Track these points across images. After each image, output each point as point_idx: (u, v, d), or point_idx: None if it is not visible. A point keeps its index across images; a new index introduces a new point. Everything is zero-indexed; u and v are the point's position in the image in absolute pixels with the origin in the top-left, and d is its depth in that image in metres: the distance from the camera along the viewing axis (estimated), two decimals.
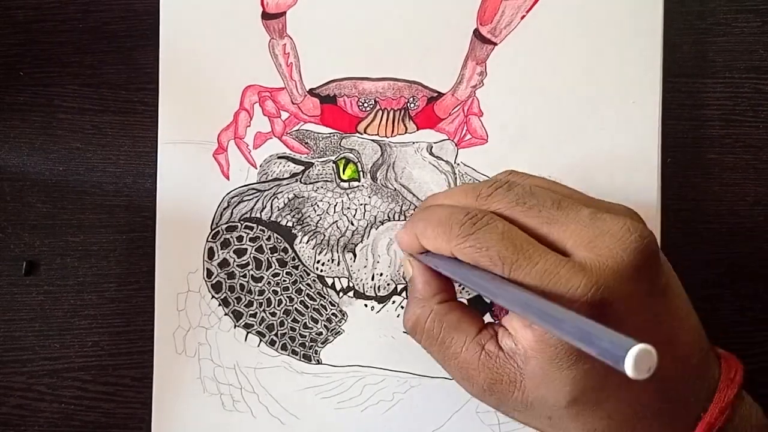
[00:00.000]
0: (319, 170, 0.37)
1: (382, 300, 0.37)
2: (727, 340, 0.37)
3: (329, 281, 0.37)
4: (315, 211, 0.37)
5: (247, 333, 0.37)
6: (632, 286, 0.25)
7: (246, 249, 0.37)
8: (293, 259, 0.37)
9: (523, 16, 0.36)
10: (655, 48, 0.36)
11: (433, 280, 0.31)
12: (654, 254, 0.26)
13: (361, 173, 0.37)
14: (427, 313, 0.30)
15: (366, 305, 0.37)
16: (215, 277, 0.37)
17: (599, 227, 0.26)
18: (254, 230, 0.37)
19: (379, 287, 0.36)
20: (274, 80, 0.37)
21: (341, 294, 0.37)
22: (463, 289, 0.35)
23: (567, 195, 0.28)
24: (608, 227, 0.26)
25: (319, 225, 0.37)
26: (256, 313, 0.37)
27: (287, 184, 0.37)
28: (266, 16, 0.37)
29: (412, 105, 0.37)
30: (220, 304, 0.37)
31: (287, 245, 0.37)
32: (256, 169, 0.37)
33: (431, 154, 0.37)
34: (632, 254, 0.25)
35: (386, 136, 0.37)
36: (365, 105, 0.37)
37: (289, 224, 0.37)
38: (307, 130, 0.37)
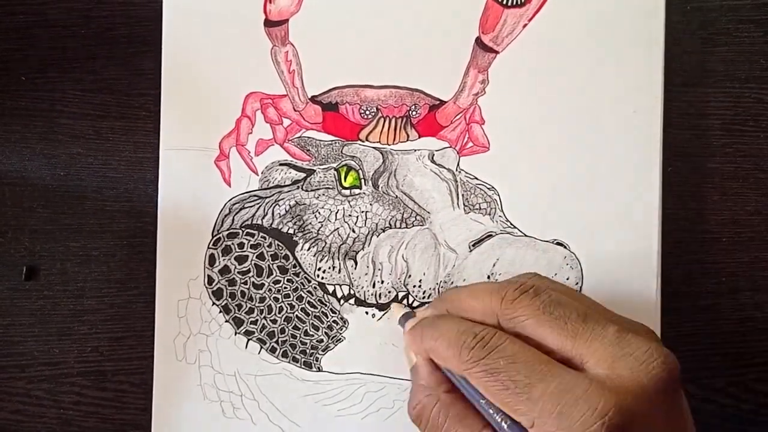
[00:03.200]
0: (320, 177, 0.37)
1: (383, 307, 0.37)
2: (727, 349, 0.37)
3: (330, 288, 0.37)
4: (316, 219, 0.37)
5: (248, 340, 0.37)
6: (651, 410, 0.25)
7: (247, 256, 0.37)
8: (294, 267, 0.37)
9: (525, 25, 0.37)
10: (657, 57, 0.36)
11: (437, 370, 0.31)
12: (675, 381, 0.26)
13: (362, 180, 0.37)
14: (433, 401, 0.30)
15: (367, 313, 0.37)
16: (216, 284, 0.37)
17: (623, 348, 0.26)
18: (255, 237, 0.37)
19: (380, 295, 0.36)
20: (276, 87, 0.37)
21: (342, 301, 0.37)
22: None
23: (591, 308, 0.28)
24: (633, 349, 0.26)
25: (320, 232, 0.37)
26: (257, 320, 0.37)
27: (288, 191, 0.37)
28: (269, 23, 0.37)
29: (413, 113, 0.37)
30: (220, 311, 0.37)
31: (288, 252, 0.37)
32: (258, 176, 0.37)
33: (433, 161, 0.37)
34: (654, 380, 0.25)
35: (388, 144, 0.37)
36: (367, 112, 0.37)
37: (291, 231, 0.37)
38: (308, 138, 0.37)
